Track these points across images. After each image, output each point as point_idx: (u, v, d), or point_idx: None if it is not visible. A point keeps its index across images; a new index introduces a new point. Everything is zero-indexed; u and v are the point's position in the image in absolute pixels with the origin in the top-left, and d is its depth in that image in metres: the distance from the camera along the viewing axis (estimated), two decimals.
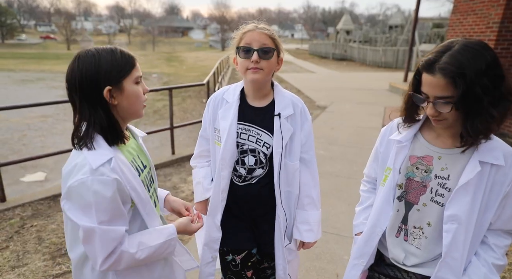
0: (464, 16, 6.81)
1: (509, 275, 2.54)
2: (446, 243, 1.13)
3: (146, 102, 1.21)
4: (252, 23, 1.40)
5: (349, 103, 9.19)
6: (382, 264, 1.35)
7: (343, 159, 4.83)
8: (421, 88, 1.09)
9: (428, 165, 1.19)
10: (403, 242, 1.26)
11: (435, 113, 1.07)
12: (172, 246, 1.16)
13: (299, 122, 1.47)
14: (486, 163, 1.09)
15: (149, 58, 35.78)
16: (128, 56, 1.09)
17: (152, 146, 7.13)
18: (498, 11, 5.74)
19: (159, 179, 4.35)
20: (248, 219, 1.55)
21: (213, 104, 1.53)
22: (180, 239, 2.95)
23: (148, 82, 19.28)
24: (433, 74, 1.02)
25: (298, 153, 1.48)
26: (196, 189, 1.62)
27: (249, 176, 1.47)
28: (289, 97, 1.49)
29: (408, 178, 1.23)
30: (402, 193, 1.25)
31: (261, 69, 1.35)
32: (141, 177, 1.16)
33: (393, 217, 1.27)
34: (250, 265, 1.55)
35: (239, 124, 1.45)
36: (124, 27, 78.92)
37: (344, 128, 6.55)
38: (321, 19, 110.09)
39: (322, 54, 31.01)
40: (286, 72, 18.69)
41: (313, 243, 1.58)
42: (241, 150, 1.45)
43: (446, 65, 1.00)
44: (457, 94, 0.99)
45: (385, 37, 29.01)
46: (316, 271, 2.50)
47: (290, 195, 1.51)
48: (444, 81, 1.00)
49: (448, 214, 1.13)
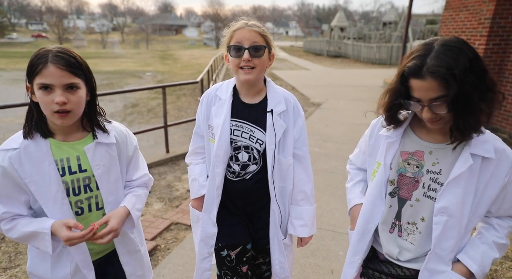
0: (456, 12, 6.85)
1: (501, 268, 2.57)
2: (435, 235, 1.14)
3: (141, 101, 1.21)
4: (242, 20, 1.39)
5: (344, 100, 9.21)
6: (376, 261, 1.36)
7: (337, 156, 4.85)
8: (412, 93, 1.08)
9: (419, 160, 1.19)
10: (397, 237, 1.26)
11: (432, 116, 1.07)
12: (44, 240, 1.15)
13: (292, 118, 1.47)
14: (477, 156, 1.10)
15: (142, 57, 35.54)
16: (39, 60, 1.09)
17: (147, 145, 7.10)
18: (490, 7, 5.78)
19: (153, 177, 4.34)
20: (242, 215, 1.55)
21: (206, 101, 1.54)
22: (175, 237, 2.95)
23: (142, 80, 19.14)
24: (423, 79, 1.03)
25: (291, 149, 1.48)
26: (191, 186, 1.63)
27: (243, 172, 1.48)
28: (281, 93, 1.49)
29: (400, 174, 1.23)
30: (394, 189, 1.25)
31: (253, 68, 1.35)
32: (66, 178, 1.20)
33: (385, 213, 1.28)
34: (245, 261, 1.55)
35: (232, 121, 1.45)
36: (117, 25, 78.25)
37: (339, 125, 6.58)
38: (315, 16, 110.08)
39: (317, 51, 31.03)
40: (281, 69, 18.69)
41: (309, 238, 1.58)
42: (235, 146, 1.46)
43: (435, 68, 1.00)
44: (450, 93, 1.00)
45: (379, 34, 29.11)
46: (312, 268, 2.51)
47: (284, 190, 1.52)
48: (436, 83, 1.01)
49: (439, 206, 1.14)
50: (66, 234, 1.11)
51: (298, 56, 29.88)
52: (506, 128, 5.90)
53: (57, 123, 1.15)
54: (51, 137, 1.20)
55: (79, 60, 1.15)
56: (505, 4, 5.67)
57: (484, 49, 5.90)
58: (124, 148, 1.35)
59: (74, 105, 1.14)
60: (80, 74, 1.15)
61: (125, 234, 1.35)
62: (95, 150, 1.24)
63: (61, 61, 1.09)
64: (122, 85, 16.96)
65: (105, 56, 35.35)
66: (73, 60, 1.13)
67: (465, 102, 1.01)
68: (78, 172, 1.23)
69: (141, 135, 7.67)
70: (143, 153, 1.52)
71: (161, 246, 2.85)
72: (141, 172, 1.45)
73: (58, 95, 1.09)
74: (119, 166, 1.33)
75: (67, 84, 1.11)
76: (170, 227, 3.14)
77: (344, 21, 33.04)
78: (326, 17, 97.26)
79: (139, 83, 18.15)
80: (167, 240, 2.94)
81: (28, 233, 1.16)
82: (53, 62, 1.08)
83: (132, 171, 1.41)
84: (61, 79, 1.10)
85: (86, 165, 1.24)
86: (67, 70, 1.10)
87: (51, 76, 1.08)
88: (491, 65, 6.00)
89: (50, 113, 1.12)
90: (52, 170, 1.17)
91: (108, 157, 1.28)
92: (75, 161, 1.22)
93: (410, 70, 1.06)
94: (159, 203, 3.64)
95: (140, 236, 1.48)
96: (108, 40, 60.40)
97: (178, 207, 3.51)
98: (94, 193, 1.27)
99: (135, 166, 1.43)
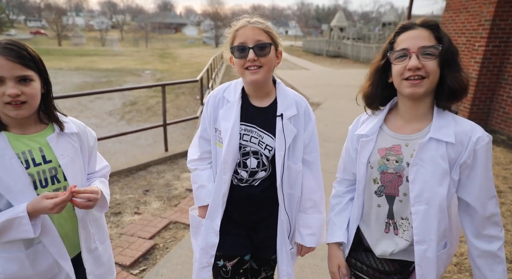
0: (456, 13, 6.86)
1: None
2: (415, 225, 1.13)
3: (140, 99, 1.20)
4: (244, 19, 1.32)
5: (343, 100, 9.21)
6: (360, 249, 1.34)
7: (337, 156, 4.80)
8: (398, 47, 1.11)
9: (397, 154, 1.18)
10: (394, 236, 1.23)
11: (418, 64, 1.05)
12: (22, 225, 1.10)
13: (303, 123, 1.40)
14: (440, 140, 1.10)
15: (142, 55, 35.45)
16: None
17: (145, 143, 7.09)
18: (490, 9, 5.78)
19: (152, 176, 4.32)
20: (245, 223, 1.48)
21: (213, 103, 1.44)
22: (174, 236, 2.94)
23: (141, 78, 19.11)
24: (414, 29, 1.09)
25: (301, 154, 1.42)
26: (198, 192, 1.50)
27: (251, 178, 1.40)
28: (292, 96, 1.41)
29: (382, 172, 1.21)
30: (379, 187, 1.23)
31: (261, 67, 1.28)
32: (32, 170, 1.17)
33: (375, 213, 1.25)
34: (242, 272, 1.48)
35: (242, 125, 1.37)
36: (116, 23, 78.00)
37: (338, 125, 6.58)
38: (315, 16, 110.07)
39: (316, 51, 31.02)
40: (280, 69, 18.67)
41: (313, 248, 1.51)
42: (243, 152, 1.38)
43: (426, 21, 1.09)
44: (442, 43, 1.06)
45: (379, 34, 29.13)
46: (311, 269, 2.51)
47: (292, 197, 1.45)
48: (427, 32, 1.08)
49: (413, 195, 1.12)
50: (51, 201, 1.09)
51: (297, 55, 29.86)
52: (504, 131, 5.91)
53: (11, 115, 1.12)
54: (6, 131, 1.17)
55: (31, 53, 1.13)
56: (505, 6, 5.68)
57: (484, 51, 5.91)
58: (85, 138, 1.35)
59: (29, 97, 1.12)
60: (33, 66, 1.13)
61: (86, 228, 1.33)
62: (57, 139, 1.24)
63: (11, 53, 1.07)
64: (121, 83, 16.92)
65: (104, 54, 35.22)
66: (25, 53, 1.11)
67: (452, 63, 1.07)
68: (43, 163, 1.20)
69: (140, 133, 7.66)
70: (142, 151, 1.51)
71: (159, 245, 2.84)
72: (101, 163, 1.44)
73: (10, 87, 1.07)
74: (81, 156, 1.33)
75: (19, 76, 1.09)
76: (168, 226, 3.12)
77: (344, 21, 33.07)
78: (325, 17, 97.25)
79: (138, 82, 18.11)
80: (165, 239, 2.93)
81: (0, 225, 1.09)
82: (3, 54, 1.06)
83: (93, 163, 1.41)
84: (12, 71, 1.08)
85: (50, 156, 1.22)
86: (18, 62, 1.08)
87: (1, 69, 1.06)
88: (490, 67, 6.01)
89: (2, 105, 1.09)
90: (15, 163, 1.13)
91: (71, 147, 1.28)
92: (38, 152, 1.20)
93: (401, 26, 1.12)
94: (157, 201, 3.62)
95: (101, 234, 1.43)
96: (107, 38, 60.18)
97: (177, 206, 3.50)
98: (62, 184, 1.25)
99: (95, 158, 1.42)
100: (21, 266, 1.18)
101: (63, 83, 16.54)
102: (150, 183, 4.13)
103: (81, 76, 19.57)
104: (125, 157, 6.71)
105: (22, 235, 1.12)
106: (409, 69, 1.06)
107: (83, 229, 1.32)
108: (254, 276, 1.59)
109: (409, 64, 1.06)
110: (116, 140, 7.30)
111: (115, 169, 4.33)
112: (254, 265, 1.58)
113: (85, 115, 10.45)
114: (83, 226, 1.32)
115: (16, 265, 1.18)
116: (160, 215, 3.33)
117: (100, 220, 1.45)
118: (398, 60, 1.10)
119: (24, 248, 1.18)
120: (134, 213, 3.38)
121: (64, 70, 21.58)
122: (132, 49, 45.69)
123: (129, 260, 2.57)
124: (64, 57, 28.99)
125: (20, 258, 1.18)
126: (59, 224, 1.26)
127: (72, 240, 1.31)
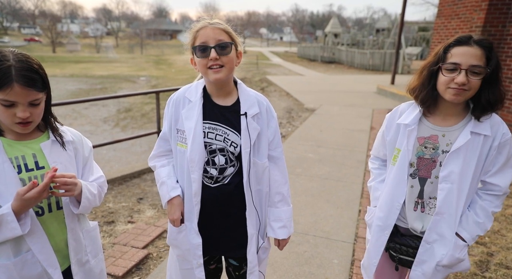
0: (448, 20, 6.96)
1: (495, 275, 2.57)
2: (440, 199, 1.35)
3: (134, 106, 1.20)
4: (204, 20, 1.35)
5: (338, 106, 9.25)
6: (398, 235, 1.51)
7: (332, 162, 4.83)
8: (451, 60, 1.23)
9: (434, 142, 1.38)
10: (421, 214, 1.44)
11: (465, 81, 1.20)
12: (8, 223, 1.10)
13: (266, 120, 1.46)
14: (477, 133, 1.29)
15: (137, 61, 35.45)
16: (2, 76, 1.07)
17: (140, 150, 7.04)
18: (481, 16, 5.88)
19: (146, 183, 4.28)
20: (217, 224, 1.49)
21: (174, 104, 1.46)
22: (167, 245, 2.89)
23: (136, 85, 19.07)
24: (470, 46, 1.21)
25: (266, 151, 1.47)
26: (160, 190, 1.50)
27: (221, 176, 1.43)
28: (254, 96, 1.46)
29: (419, 157, 1.41)
30: (414, 170, 1.43)
31: (222, 66, 1.31)
32: (23, 175, 1.18)
33: (408, 193, 1.44)
34: (212, 263, 1.57)
35: (205, 124, 1.40)
36: (111, 30, 78.08)
37: (333, 131, 6.59)
38: (309, 22, 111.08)
39: (311, 57, 31.25)
40: (275, 75, 18.76)
41: (288, 239, 1.58)
42: (210, 150, 1.41)
43: (482, 40, 1.21)
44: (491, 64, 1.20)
45: (372, 40, 29.46)
46: (306, 276, 2.48)
47: (260, 193, 1.49)
48: (481, 52, 1.20)
49: (443, 175, 1.33)
50: (35, 191, 1.09)
51: (292, 61, 30.06)
52: None
53: (18, 131, 1.18)
54: (2, 137, 1.19)
55: (41, 73, 1.15)
56: (495, 12, 5.77)
57: None
58: (80, 147, 1.35)
59: (36, 117, 1.17)
60: (43, 88, 1.16)
61: (78, 240, 1.32)
62: (51, 147, 1.25)
63: (27, 80, 1.09)
64: (116, 90, 16.86)
65: (99, 61, 35.17)
66: (37, 76, 1.13)
67: (494, 78, 1.23)
68: (36, 169, 1.21)
69: (134, 140, 7.61)
70: (137, 158, 1.49)
71: (153, 255, 2.79)
72: (96, 174, 1.42)
73: (21, 111, 1.11)
74: (76, 165, 1.32)
75: (31, 101, 1.13)
76: (162, 234, 3.08)
77: (338, 27, 33.38)
78: (320, 23, 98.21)
79: (133, 88, 18.06)
80: (159, 248, 2.89)
81: None
82: (19, 83, 1.08)
83: (88, 174, 1.39)
84: (26, 98, 1.11)
85: (43, 162, 1.23)
86: (32, 89, 1.11)
87: (16, 95, 1.09)
88: None
89: (11, 123, 1.14)
90: (8, 167, 1.15)
91: (65, 155, 1.28)
92: (31, 158, 1.21)
93: (458, 40, 1.23)
94: (151, 210, 3.58)
95: (93, 246, 1.41)
96: (102, 44, 60.20)
97: None
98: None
99: (90, 169, 1.41)
100: (8, 276, 1.17)
101: (57, 90, 16.44)
102: (144, 190, 4.09)
103: (75, 83, 19.50)
104: (120, 164, 6.66)
105: (10, 233, 1.12)
106: (456, 82, 1.22)
107: (73, 240, 1.30)
108: (237, 271, 1.62)
109: (457, 79, 1.22)
110: (111, 147, 7.24)
111: (109, 177, 4.28)
112: (235, 263, 1.61)
113: (80, 123, 10.37)
114: (74, 237, 1.30)
115: (3, 274, 1.17)
116: (154, 223, 3.28)
117: (94, 232, 1.42)
118: (448, 72, 1.25)
119: (13, 256, 1.17)
120: (128, 221, 3.34)
121: (58, 77, 21.47)
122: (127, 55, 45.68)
123: (121, 271, 2.53)
124: (58, 64, 28.90)
125: (7, 267, 1.17)
126: (50, 234, 1.24)
127: (63, 252, 1.29)
